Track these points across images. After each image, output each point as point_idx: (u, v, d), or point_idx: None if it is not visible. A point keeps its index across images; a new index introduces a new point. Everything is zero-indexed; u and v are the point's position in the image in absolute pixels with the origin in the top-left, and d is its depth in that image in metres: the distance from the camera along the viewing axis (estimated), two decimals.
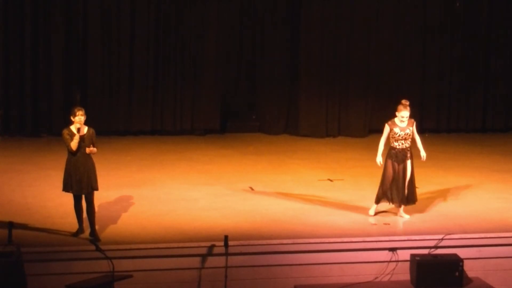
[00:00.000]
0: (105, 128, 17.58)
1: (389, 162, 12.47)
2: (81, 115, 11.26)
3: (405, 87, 19.33)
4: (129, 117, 18.12)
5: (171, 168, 15.38)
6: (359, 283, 11.25)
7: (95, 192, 11.42)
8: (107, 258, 9.84)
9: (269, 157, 16.65)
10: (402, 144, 12.42)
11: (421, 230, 12.02)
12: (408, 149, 12.48)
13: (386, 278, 11.38)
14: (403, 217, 12.54)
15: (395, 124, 12.45)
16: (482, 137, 19.36)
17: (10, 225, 10.60)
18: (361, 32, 18.99)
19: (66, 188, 11.39)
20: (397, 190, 12.45)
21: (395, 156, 12.43)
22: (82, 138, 11.21)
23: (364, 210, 12.94)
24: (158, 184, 14.15)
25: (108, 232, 11.46)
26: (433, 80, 19.46)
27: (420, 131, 19.30)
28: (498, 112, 19.82)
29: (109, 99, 18.05)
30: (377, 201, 12.58)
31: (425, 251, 11.50)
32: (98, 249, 9.91)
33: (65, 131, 11.28)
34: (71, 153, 11.26)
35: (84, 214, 11.37)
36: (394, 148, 12.46)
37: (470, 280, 11.46)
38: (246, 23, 19.16)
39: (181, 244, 11.04)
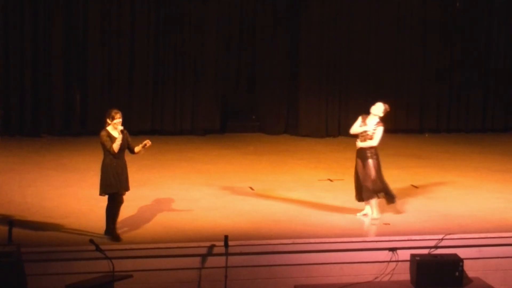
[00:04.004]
0: None
1: (356, 160, 12.54)
2: (120, 117, 11.23)
3: (405, 87, 19.38)
4: (129, 117, 18.09)
5: (171, 168, 15.38)
6: (359, 283, 11.25)
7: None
8: (107, 258, 9.83)
9: (269, 157, 16.65)
10: (359, 142, 12.40)
11: (421, 230, 12.02)
12: (367, 149, 12.34)
13: (386, 278, 11.39)
14: (361, 215, 12.54)
15: (363, 118, 12.43)
16: (482, 137, 19.37)
17: (10, 225, 10.60)
18: (361, 32, 19.01)
19: (109, 190, 11.21)
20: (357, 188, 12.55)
21: (357, 153, 12.49)
22: (123, 139, 11.21)
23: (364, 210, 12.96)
24: (158, 184, 14.15)
25: None
26: (433, 80, 19.48)
27: (420, 131, 19.53)
28: (498, 112, 19.84)
29: (109, 99, 18.05)
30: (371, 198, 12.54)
31: (425, 251, 11.49)
32: (98, 249, 9.91)
33: (103, 134, 11.17)
34: (113, 155, 11.18)
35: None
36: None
37: (470, 280, 11.46)
38: (246, 23, 19.18)
39: (181, 244, 11.04)
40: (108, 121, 11.26)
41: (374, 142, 12.33)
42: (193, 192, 13.72)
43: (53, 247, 10.76)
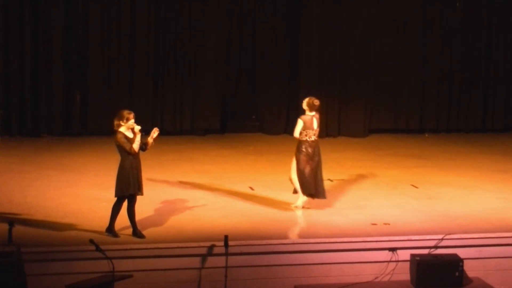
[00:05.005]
0: (105, 128, 17.59)
1: None
2: (133, 117, 11.26)
3: (405, 87, 19.37)
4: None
5: (171, 168, 15.38)
6: (359, 283, 11.25)
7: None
8: (107, 258, 9.83)
9: (269, 157, 16.65)
10: None
11: (421, 230, 12.02)
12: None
13: (386, 278, 11.38)
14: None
15: None
16: (482, 137, 19.36)
17: (10, 225, 10.60)
18: (361, 32, 19.00)
19: (128, 191, 11.26)
20: None
21: None
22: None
23: (364, 210, 12.95)
24: (158, 184, 14.14)
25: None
26: (433, 80, 19.47)
27: (420, 131, 19.52)
28: (498, 112, 19.83)
29: (109, 99, 18.06)
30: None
31: (425, 251, 11.49)
32: (98, 249, 9.91)
33: (120, 136, 11.19)
34: (131, 155, 11.18)
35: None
36: None
37: (470, 280, 11.46)
38: (246, 23, 19.17)
39: (181, 244, 11.04)
40: (122, 122, 11.26)
41: (293, 133, 12.87)
42: (193, 192, 13.72)
43: (53, 247, 10.76)
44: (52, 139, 17.68)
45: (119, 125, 11.26)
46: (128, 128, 11.24)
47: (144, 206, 12.75)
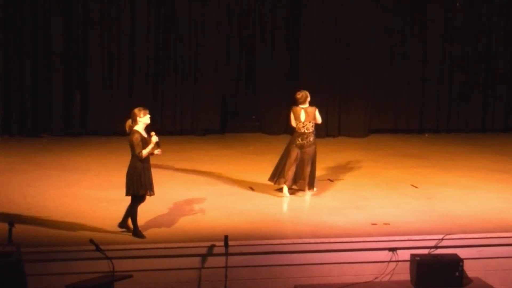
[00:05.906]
0: (105, 128, 17.63)
1: None
2: (148, 113, 11.28)
3: (405, 88, 19.37)
4: (129, 117, 18.06)
5: (171, 168, 15.37)
6: (359, 283, 11.25)
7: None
8: (107, 258, 9.83)
9: (269, 157, 16.60)
10: None
11: (421, 230, 12.02)
12: None
13: (386, 278, 11.39)
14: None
15: None
16: (482, 137, 19.37)
17: (10, 225, 10.61)
18: (361, 32, 18.99)
19: (141, 190, 11.34)
20: None
21: None
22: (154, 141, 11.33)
23: (364, 210, 12.95)
24: (158, 184, 14.08)
25: (108, 232, 11.47)
26: (433, 80, 19.47)
27: (420, 131, 19.52)
28: (498, 112, 19.84)
29: (109, 99, 18.06)
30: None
31: (425, 251, 11.50)
32: (98, 249, 9.91)
33: (137, 137, 11.21)
34: (140, 158, 11.24)
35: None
36: None
37: (470, 280, 11.46)
38: (246, 23, 19.17)
39: (181, 244, 11.04)
40: (139, 118, 11.26)
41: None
42: (193, 192, 13.72)
43: (53, 247, 10.76)
44: (52, 139, 17.68)
45: (133, 126, 11.26)
46: (144, 124, 11.25)
47: (144, 206, 12.74)
